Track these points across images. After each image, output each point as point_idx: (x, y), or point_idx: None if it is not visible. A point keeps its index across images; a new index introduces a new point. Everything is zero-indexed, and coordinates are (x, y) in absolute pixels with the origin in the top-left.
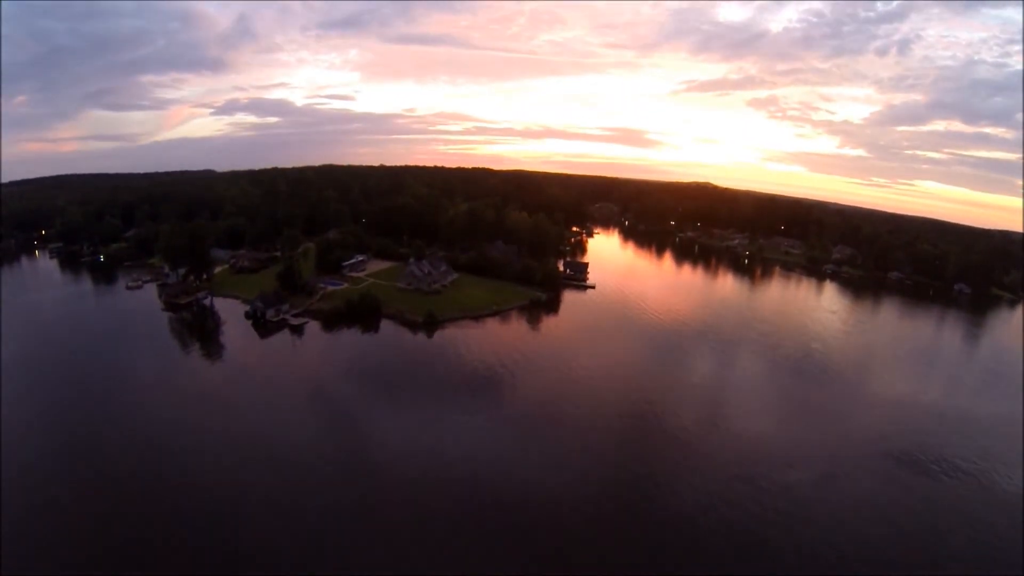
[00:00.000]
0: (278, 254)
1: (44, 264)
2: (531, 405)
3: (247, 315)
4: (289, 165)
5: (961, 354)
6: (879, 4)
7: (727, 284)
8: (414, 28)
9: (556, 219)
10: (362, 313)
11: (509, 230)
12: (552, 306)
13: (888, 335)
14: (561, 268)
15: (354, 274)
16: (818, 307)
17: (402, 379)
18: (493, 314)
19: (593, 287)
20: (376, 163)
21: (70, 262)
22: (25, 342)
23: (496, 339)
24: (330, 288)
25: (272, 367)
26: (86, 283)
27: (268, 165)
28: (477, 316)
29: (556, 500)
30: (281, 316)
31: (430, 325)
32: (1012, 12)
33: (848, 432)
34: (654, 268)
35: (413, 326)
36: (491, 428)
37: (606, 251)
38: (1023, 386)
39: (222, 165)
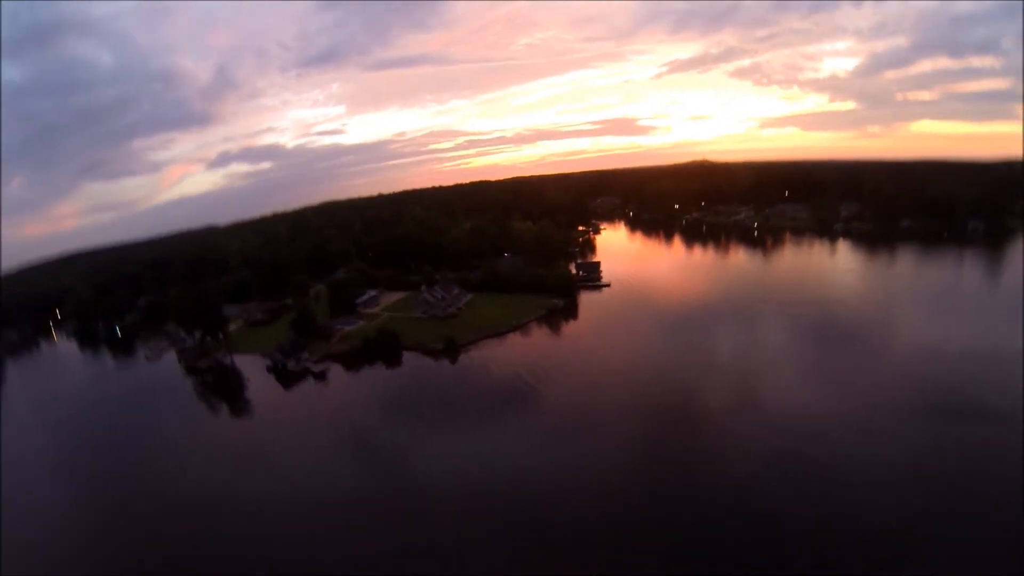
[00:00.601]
0: (289, 302)
1: (64, 347)
2: (568, 408)
3: (268, 368)
4: (289, 208)
5: (985, 293)
6: None
7: (740, 259)
8: (392, 53)
9: (560, 222)
10: (382, 349)
11: (515, 242)
12: (570, 311)
13: (908, 285)
14: (573, 271)
15: (368, 310)
16: (835, 268)
17: (434, 407)
18: (512, 329)
19: (608, 285)
20: (374, 192)
21: (89, 340)
22: (61, 429)
23: (521, 353)
24: (346, 329)
25: (303, 415)
26: (107, 361)
27: (268, 211)
28: (497, 334)
29: (617, 488)
30: (302, 364)
31: (451, 351)
32: None
33: (886, 388)
34: (666, 255)
35: (435, 354)
36: (538, 437)
37: (615, 246)
38: None
39: (223, 218)
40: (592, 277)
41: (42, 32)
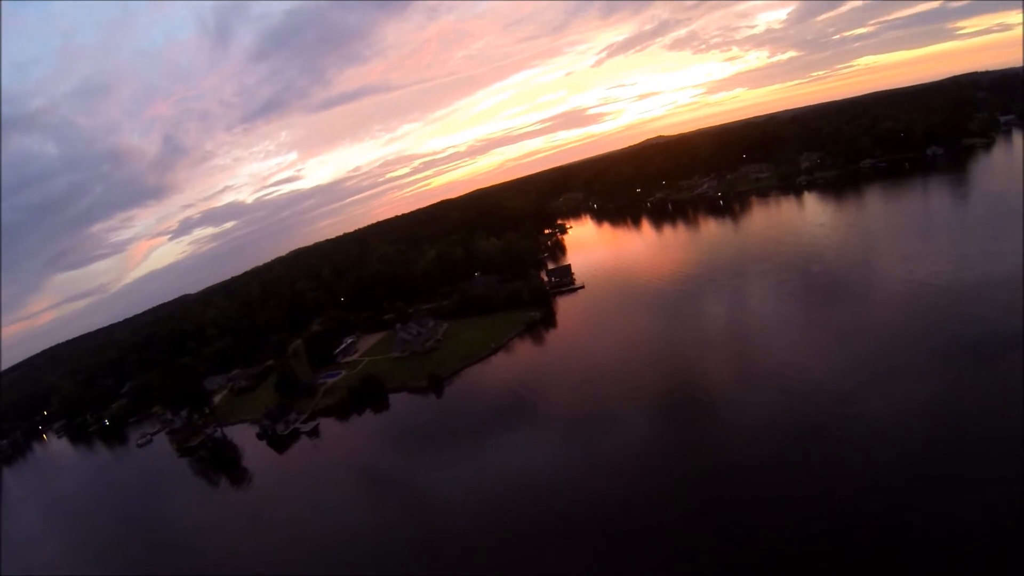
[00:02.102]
0: (271, 363)
1: (55, 446)
2: (568, 410)
3: (259, 436)
4: (260, 263)
5: (957, 217)
6: None
7: (709, 230)
8: (333, 91)
9: (525, 230)
10: (368, 396)
11: (482, 260)
12: (549, 320)
13: (881, 225)
14: (546, 279)
15: (348, 359)
16: (804, 224)
17: (428, 440)
18: (494, 352)
19: (582, 287)
20: (340, 232)
21: (79, 436)
22: (67, 529)
23: (505, 372)
24: (330, 381)
25: (303, 475)
26: (99, 454)
27: (240, 270)
28: (479, 359)
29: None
30: (291, 427)
31: (436, 385)
32: None
33: (884, 335)
34: (634, 242)
35: (421, 391)
36: (543, 444)
37: (585, 243)
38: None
39: (195, 286)
40: (565, 281)
41: None
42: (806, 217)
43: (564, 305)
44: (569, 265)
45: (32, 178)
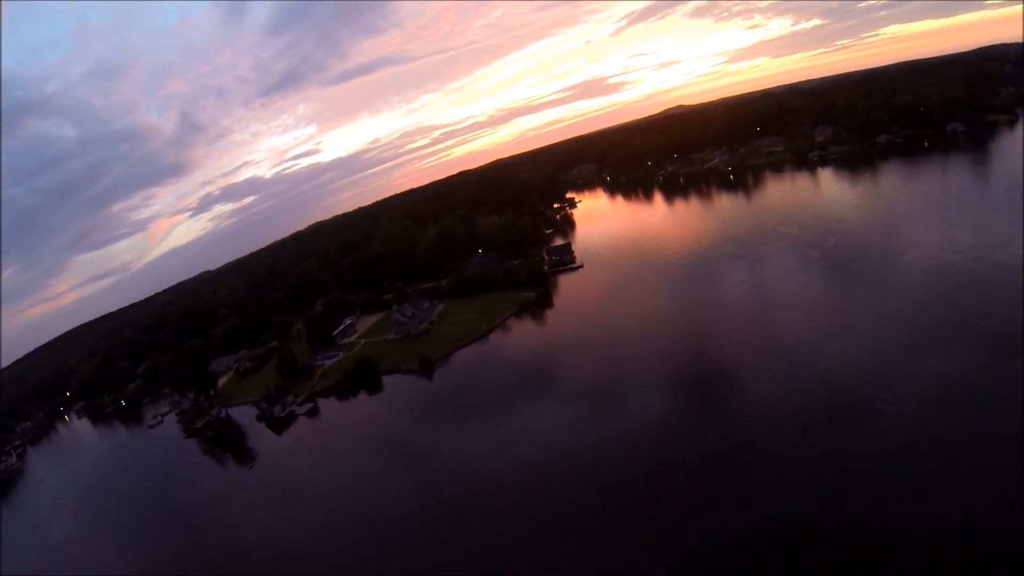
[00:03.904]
0: (274, 345)
1: (76, 426)
2: (541, 391)
3: (257, 418)
4: (279, 237)
5: (977, 194)
6: None
7: (715, 207)
8: (350, 63)
9: (531, 206)
10: (362, 378)
11: (483, 239)
12: (544, 301)
13: (896, 203)
14: (546, 258)
15: (346, 340)
16: (815, 200)
17: (420, 420)
18: (485, 334)
19: (581, 266)
20: (359, 205)
21: (98, 416)
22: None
23: (495, 353)
24: (327, 363)
25: (298, 458)
26: (115, 434)
27: (259, 245)
28: (472, 341)
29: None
30: (288, 409)
31: (427, 368)
32: None
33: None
34: (639, 219)
35: (412, 374)
36: (509, 431)
37: (593, 219)
38: None
39: (216, 262)
40: (564, 260)
41: None
42: (818, 193)
43: (562, 284)
44: (569, 243)
45: (50, 161)
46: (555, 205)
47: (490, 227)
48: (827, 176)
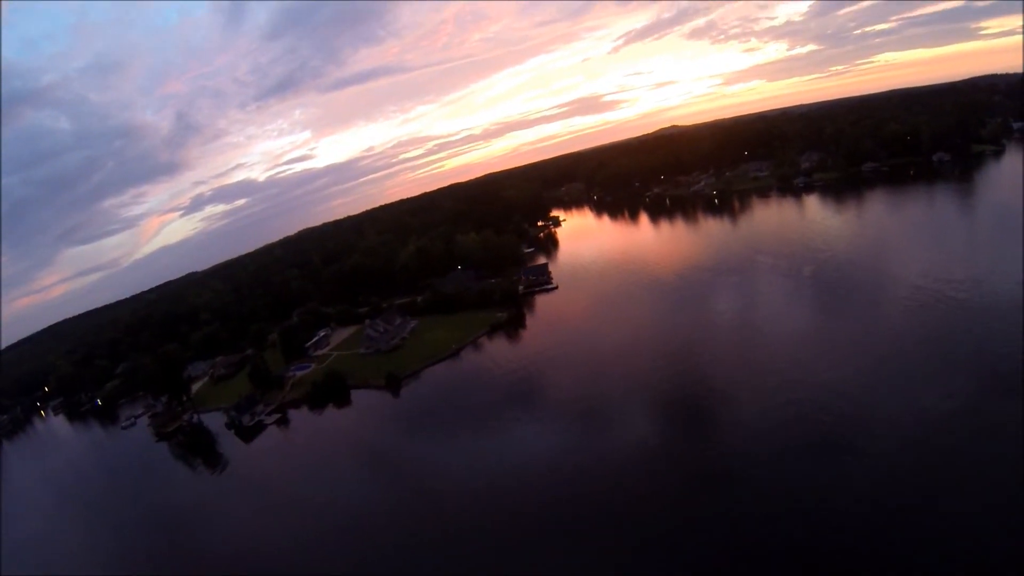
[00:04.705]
0: (250, 353)
1: (51, 423)
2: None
3: (227, 426)
4: (269, 241)
5: (962, 223)
6: None
7: (697, 231)
8: (347, 70)
9: (516, 224)
10: (330, 391)
11: (461, 256)
12: (516, 322)
13: (878, 232)
14: (523, 278)
15: (319, 352)
16: (795, 227)
17: (383, 438)
18: (454, 353)
19: (556, 288)
20: (351, 212)
21: (74, 413)
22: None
23: (467, 371)
24: (298, 374)
25: (265, 466)
26: (91, 432)
27: (248, 249)
28: (440, 359)
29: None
30: (256, 419)
31: (393, 384)
32: None
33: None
34: (624, 238)
35: (380, 389)
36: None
37: (576, 238)
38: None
39: (204, 262)
40: (540, 281)
41: None
42: (802, 221)
43: (537, 305)
44: (546, 264)
45: (45, 153)
46: (539, 223)
47: (469, 244)
48: (811, 203)
